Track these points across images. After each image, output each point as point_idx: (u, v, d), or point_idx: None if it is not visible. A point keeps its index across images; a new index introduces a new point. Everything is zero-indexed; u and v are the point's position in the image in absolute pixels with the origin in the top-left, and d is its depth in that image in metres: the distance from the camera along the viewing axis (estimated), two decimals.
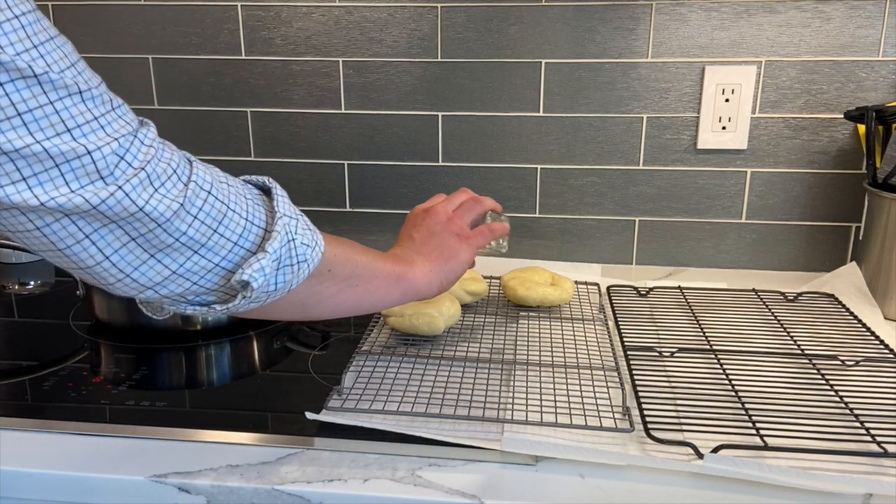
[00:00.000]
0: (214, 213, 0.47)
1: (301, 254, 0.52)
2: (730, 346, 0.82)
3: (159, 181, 0.44)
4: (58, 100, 0.40)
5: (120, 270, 0.46)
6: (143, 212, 0.43)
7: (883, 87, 1.03)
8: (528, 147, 1.12)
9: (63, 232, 0.42)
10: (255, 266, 0.48)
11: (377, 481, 0.59)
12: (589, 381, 0.74)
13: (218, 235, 0.47)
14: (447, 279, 0.69)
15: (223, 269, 0.49)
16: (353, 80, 1.12)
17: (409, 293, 0.66)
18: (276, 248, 0.49)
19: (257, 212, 0.51)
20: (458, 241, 0.71)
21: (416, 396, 0.70)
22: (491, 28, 1.07)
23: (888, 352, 0.80)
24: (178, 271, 0.47)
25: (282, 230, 0.50)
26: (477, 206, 0.76)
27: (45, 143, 0.39)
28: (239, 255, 0.49)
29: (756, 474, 0.57)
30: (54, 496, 0.61)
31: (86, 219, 0.42)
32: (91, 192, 0.41)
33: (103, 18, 1.13)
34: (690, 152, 1.09)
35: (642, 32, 1.05)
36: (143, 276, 0.47)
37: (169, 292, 0.48)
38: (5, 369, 0.79)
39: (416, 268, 0.67)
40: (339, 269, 0.58)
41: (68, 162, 0.40)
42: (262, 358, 0.83)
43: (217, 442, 0.65)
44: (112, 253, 0.44)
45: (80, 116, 0.41)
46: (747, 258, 1.12)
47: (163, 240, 0.45)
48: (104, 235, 0.44)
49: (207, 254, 0.47)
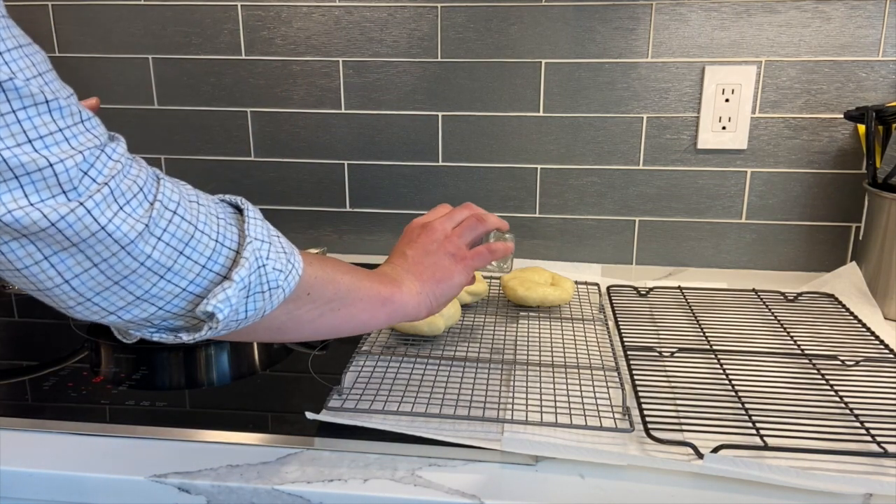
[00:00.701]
0: (180, 234, 0.44)
1: (273, 280, 0.49)
2: (730, 346, 0.82)
3: (124, 199, 0.42)
4: (21, 108, 0.38)
5: (80, 294, 0.43)
6: (106, 231, 0.41)
7: (883, 87, 1.03)
8: (528, 147, 1.12)
9: (21, 251, 0.40)
10: (220, 296, 0.46)
11: (377, 481, 0.59)
12: (589, 381, 0.74)
13: (184, 258, 0.45)
14: (437, 302, 0.66)
15: (191, 294, 0.46)
16: (353, 80, 1.12)
17: (395, 316, 0.62)
18: (243, 276, 0.46)
19: (229, 232, 0.48)
20: (453, 263, 0.67)
21: (416, 396, 0.70)
22: (491, 28, 1.07)
23: (888, 352, 0.80)
24: (143, 296, 0.45)
25: (250, 256, 0.47)
26: (479, 226, 0.70)
27: (4, 153, 0.37)
28: (208, 279, 0.46)
29: (756, 474, 0.57)
30: (54, 496, 0.61)
31: (45, 240, 0.40)
32: (50, 207, 0.39)
33: (103, 18, 1.13)
34: (690, 152, 1.09)
35: (642, 32, 1.05)
36: (105, 301, 0.44)
37: (132, 317, 0.46)
38: (5, 369, 0.79)
39: (404, 289, 0.63)
40: (319, 292, 0.55)
41: (28, 174, 0.38)
42: (262, 358, 0.83)
43: (217, 442, 0.65)
44: (72, 277, 0.42)
45: (43, 127, 0.39)
46: (747, 258, 1.12)
47: (126, 264, 0.42)
48: (64, 259, 0.41)
49: (174, 278, 0.45)
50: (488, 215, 0.72)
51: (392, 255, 0.69)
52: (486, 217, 0.71)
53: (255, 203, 1.21)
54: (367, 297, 0.60)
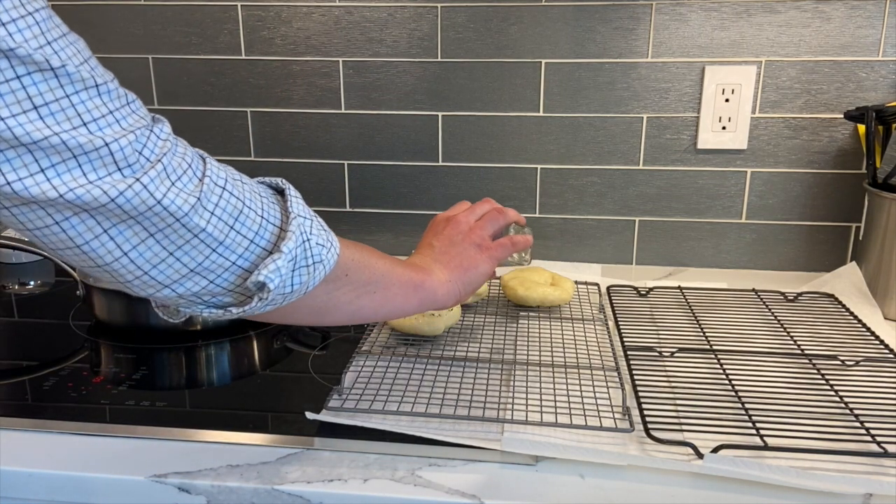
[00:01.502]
0: (230, 209, 0.47)
1: (317, 254, 0.51)
2: (730, 346, 0.82)
3: (175, 175, 0.44)
4: (74, 93, 0.40)
5: (138, 267, 0.45)
6: (161, 205, 0.43)
7: (883, 87, 1.03)
8: (528, 147, 1.12)
9: (82, 226, 0.42)
10: (270, 266, 0.48)
11: (377, 481, 0.59)
12: (589, 381, 0.74)
13: (234, 232, 0.47)
14: (465, 290, 0.68)
15: (239, 268, 0.48)
16: (353, 80, 1.12)
17: (426, 302, 0.64)
18: (291, 248, 0.49)
19: (272, 210, 0.50)
20: (479, 252, 0.70)
21: (416, 396, 0.70)
22: (491, 28, 1.07)
23: (888, 352, 0.80)
24: (196, 269, 0.47)
25: (296, 230, 0.49)
26: (500, 218, 0.74)
27: (63, 136, 0.39)
28: (255, 254, 0.48)
29: (756, 474, 0.57)
30: (54, 496, 0.61)
31: (104, 214, 0.42)
32: (109, 184, 0.41)
33: (103, 18, 1.13)
34: (690, 152, 1.09)
35: (642, 32, 1.05)
36: (161, 274, 0.46)
37: (185, 290, 0.48)
38: (5, 369, 0.79)
39: (434, 277, 0.65)
40: (356, 275, 0.57)
41: (86, 154, 0.40)
42: (262, 358, 0.83)
43: (217, 442, 0.65)
44: (130, 249, 0.44)
45: (96, 110, 0.41)
46: (747, 258, 1.12)
47: (181, 235, 0.45)
48: (122, 231, 0.43)
49: (225, 251, 0.47)
50: (508, 209, 0.75)
51: (419, 247, 0.71)
52: (506, 210, 0.75)
53: None
54: (400, 282, 0.62)
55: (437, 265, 0.67)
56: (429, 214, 1.16)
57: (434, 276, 0.65)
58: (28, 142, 0.38)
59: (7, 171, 0.39)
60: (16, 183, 0.39)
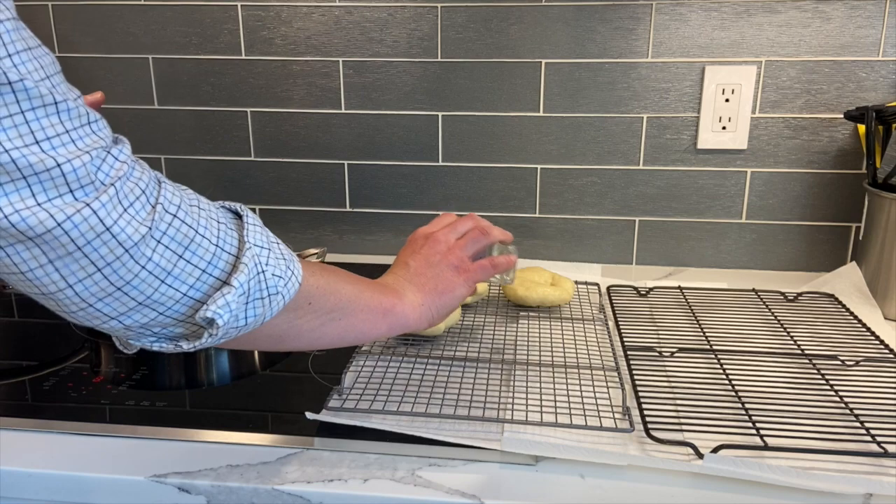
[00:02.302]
0: (180, 237, 0.44)
1: (272, 286, 0.48)
2: (730, 346, 0.82)
3: (127, 201, 0.42)
4: (30, 109, 0.38)
5: (83, 300, 0.43)
6: (111, 233, 0.41)
7: (883, 87, 1.03)
8: (528, 147, 1.12)
9: (26, 254, 0.40)
10: (220, 301, 0.45)
11: (377, 481, 0.59)
12: (589, 381, 0.74)
13: (184, 262, 0.45)
14: (438, 314, 0.66)
15: (191, 299, 0.46)
16: (353, 80, 1.12)
17: (395, 327, 0.62)
18: (242, 282, 0.46)
19: (229, 237, 0.47)
20: (456, 275, 0.67)
21: (416, 396, 0.70)
22: (491, 28, 1.07)
23: (888, 352, 0.80)
24: (144, 302, 0.44)
25: (250, 262, 0.47)
26: (482, 239, 0.70)
27: (13, 153, 0.37)
28: (208, 284, 0.46)
29: (756, 474, 0.57)
30: (54, 496, 0.61)
31: (49, 244, 0.40)
32: (57, 207, 0.39)
33: (103, 18, 1.13)
34: (690, 152, 1.09)
35: (642, 32, 1.05)
36: (108, 307, 0.44)
37: (133, 322, 0.45)
38: (5, 369, 0.79)
39: (405, 300, 0.63)
40: (320, 302, 0.55)
41: (36, 174, 0.38)
42: (262, 358, 0.83)
43: (217, 442, 0.65)
44: (76, 282, 0.42)
45: (51, 128, 0.39)
46: (747, 258, 1.12)
47: (129, 268, 0.42)
48: (68, 264, 0.41)
49: (174, 282, 0.44)
50: (492, 228, 0.71)
51: (395, 265, 0.68)
52: (490, 229, 0.71)
53: (256, 203, 1.21)
54: (368, 307, 0.60)
55: (411, 287, 0.65)
56: (429, 214, 1.16)
57: (405, 300, 0.63)
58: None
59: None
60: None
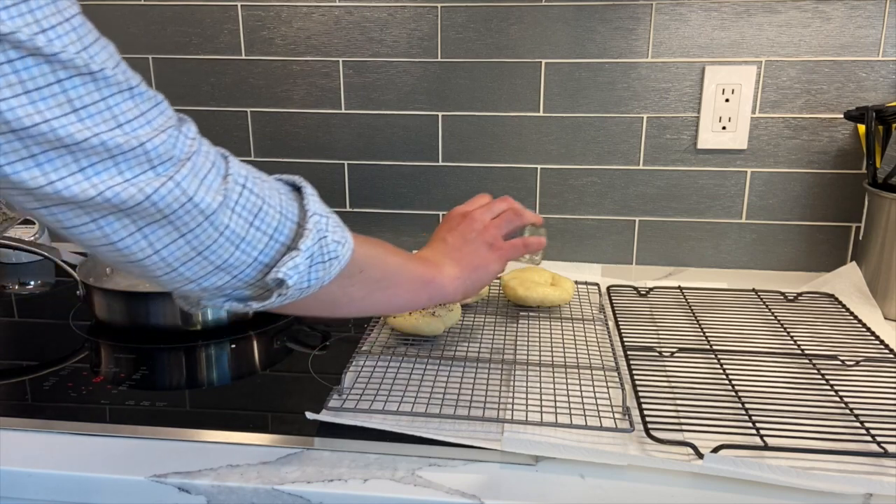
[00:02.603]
0: (250, 206, 0.48)
1: (332, 251, 0.53)
2: (730, 346, 0.82)
3: (202, 173, 0.45)
4: (111, 96, 0.41)
5: (168, 265, 0.47)
6: (193, 202, 0.44)
7: (883, 87, 1.03)
8: (528, 147, 1.12)
9: (117, 224, 0.44)
10: (289, 264, 0.49)
11: (377, 481, 0.59)
12: (589, 381, 0.74)
13: (254, 229, 0.49)
14: (473, 287, 0.70)
15: (261, 264, 0.50)
16: (353, 80, 1.12)
17: (435, 297, 0.66)
18: (308, 246, 0.50)
19: (290, 207, 0.52)
20: (490, 252, 0.71)
21: (416, 396, 0.70)
22: (491, 28, 1.07)
23: (888, 352, 0.80)
24: (221, 266, 0.48)
25: (313, 228, 0.51)
26: (515, 219, 0.74)
27: (103, 136, 0.41)
28: (275, 250, 0.50)
29: (756, 474, 0.57)
30: (54, 496, 0.61)
31: (138, 213, 0.43)
32: (144, 182, 0.42)
33: (103, 18, 1.13)
34: (690, 152, 1.09)
35: (642, 32, 1.05)
36: (189, 271, 0.48)
37: (210, 285, 0.49)
38: (5, 369, 0.79)
39: (444, 272, 0.67)
40: (370, 272, 0.59)
41: (123, 154, 0.42)
42: (262, 358, 0.83)
43: (217, 442, 0.65)
44: (162, 248, 0.46)
45: (129, 112, 0.42)
46: (747, 258, 1.12)
47: (209, 234, 0.46)
48: (155, 230, 0.45)
49: (247, 248, 0.49)
50: (525, 210, 0.76)
51: (432, 240, 0.73)
52: (523, 212, 0.76)
53: None
54: (411, 278, 0.64)
55: (448, 261, 0.69)
56: (429, 214, 1.16)
57: (444, 272, 0.67)
58: (71, 143, 0.40)
59: (49, 171, 0.40)
60: (57, 182, 0.41)
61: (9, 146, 0.39)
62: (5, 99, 0.38)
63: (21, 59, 0.38)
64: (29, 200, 0.42)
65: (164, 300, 0.85)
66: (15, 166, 0.40)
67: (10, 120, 0.39)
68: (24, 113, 0.39)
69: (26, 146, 0.40)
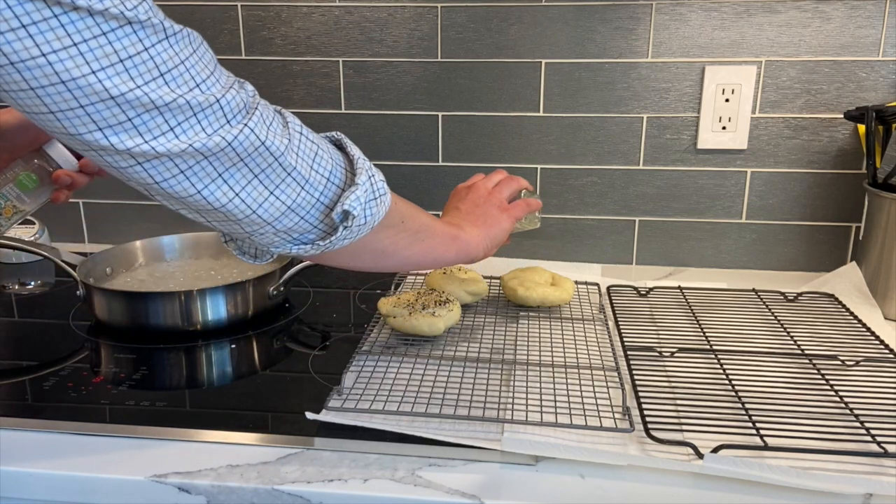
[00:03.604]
0: (308, 150, 0.54)
1: (381, 188, 0.57)
2: (730, 346, 0.82)
3: (268, 121, 0.51)
4: (187, 58, 0.46)
5: (248, 206, 0.51)
6: (265, 146, 0.50)
7: (883, 87, 1.03)
8: (528, 147, 1.12)
9: (202, 172, 0.48)
10: (351, 198, 0.54)
11: (377, 481, 0.59)
12: (589, 381, 0.74)
13: (314, 172, 0.54)
14: (492, 244, 0.77)
15: (322, 204, 0.55)
16: (353, 80, 1.12)
17: (461, 253, 0.73)
18: (363, 181, 0.55)
19: (337, 155, 0.57)
20: (500, 211, 0.80)
21: (416, 396, 0.70)
22: (491, 28, 1.07)
23: (888, 352, 0.80)
24: (291, 206, 0.53)
25: (363, 166, 0.57)
26: (513, 184, 0.85)
27: (186, 96, 0.46)
28: (332, 191, 0.55)
29: (756, 474, 0.57)
30: (54, 496, 0.61)
31: (220, 158, 0.48)
32: (226, 131, 0.47)
33: None
34: (690, 152, 1.09)
35: (642, 32, 1.05)
36: (266, 213, 0.52)
37: (282, 227, 0.54)
38: (5, 369, 0.79)
39: (466, 231, 0.74)
40: (409, 223, 0.65)
41: (203, 110, 0.46)
42: (262, 358, 0.83)
43: (217, 442, 0.65)
44: (240, 190, 0.50)
45: (200, 74, 0.47)
46: (747, 258, 1.12)
47: (279, 174, 0.51)
48: (234, 174, 0.50)
49: (310, 189, 0.54)
50: (518, 177, 0.87)
51: (445, 212, 0.81)
52: (518, 177, 0.86)
53: None
54: (442, 232, 0.71)
55: (466, 223, 0.76)
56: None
57: (466, 231, 0.74)
58: (161, 104, 0.45)
59: (144, 131, 0.45)
60: (152, 141, 0.45)
61: (108, 112, 0.44)
62: (103, 69, 0.42)
63: (112, 31, 0.42)
64: (121, 160, 0.46)
65: (165, 300, 0.85)
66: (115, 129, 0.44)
67: (108, 88, 0.43)
68: (119, 81, 0.43)
69: (123, 111, 0.44)
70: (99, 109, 0.43)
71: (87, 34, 0.41)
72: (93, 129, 0.44)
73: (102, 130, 0.44)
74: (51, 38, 0.41)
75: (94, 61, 0.42)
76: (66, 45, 0.41)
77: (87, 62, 0.42)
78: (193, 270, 1.01)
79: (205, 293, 0.86)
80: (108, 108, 0.43)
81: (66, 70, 0.42)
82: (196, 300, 0.86)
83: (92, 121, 0.44)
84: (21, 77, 0.42)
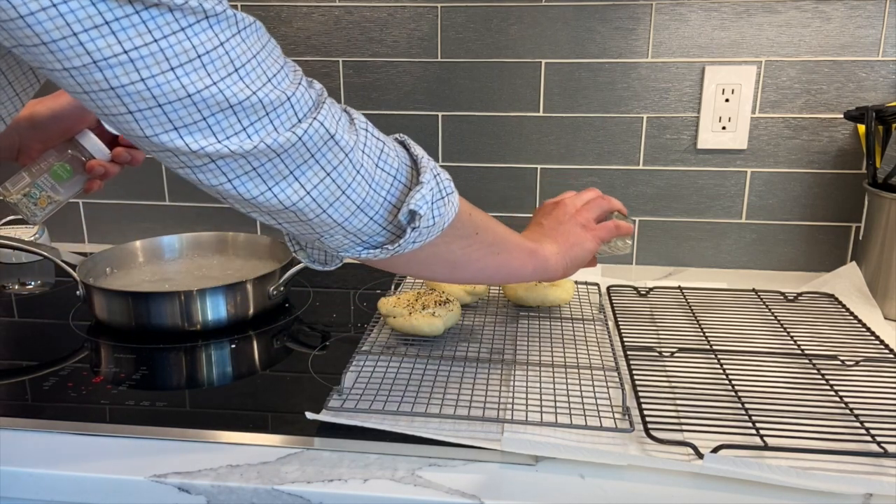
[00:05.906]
0: (374, 149, 0.52)
1: (447, 187, 0.56)
2: (730, 346, 0.82)
3: (336, 116, 0.50)
4: (258, 52, 0.46)
5: (318, 205, 0.50)
6: (334, 140, 0.49)
7: (883, 87, 1.03)
8: (528, 147, 1.12)
9: (273, 170, 0.48)
10: (416, 196, 0.53)
11: (377, 481, 0.59)
12: (589, 381, 0.74)
13: (380, 170, 0.53)
14: (572, 264, 0.74)
15: (389, 203, 0.54)
16: (353, 80, 1.12)
17: (539, 269, 0.70)
18: (429, 179, 0.54)
19: (402, 153, 0.56)
20: (584, 231, 0.76)
21: (416, 396, 0.70)
22: (491, 28, 1.07)
23: (888, 352, 0.80)
24: (360, 205, 0.52)
25: (427, 164, 0.55)
26: (604, 204, 0.80)
27: (259, 93, 0.45)
28: (398, 189, 0.54)
29: (756, 474, 0.57)
30: (54, 496, 0.61)
31: (291, 155, 0.47)
32: (296, 126, 0.47)
33: None
34: (690, 152, 1.09)
35: (642, 32, 1.05)
36: (336, 212, 0.51)
37: (352, 227, 0.53)
38: (5, 369, 0.79)
39: (545, 247, 0.71)
40: (484, 235, 0.63)
41: (275, 109, 0.46)
42: (262, 358, 0.83)
43: (217, 442, 0.65)
44: (312, 188, 0.49)
45: (273, 66, 0.46)
46: (747, 258, 1.12)
47: (349, 171, 0.50)
48: (305, 171, 0.49)
49: (376, 187, 0.52)
50: (611, 198, 0.82)
51: (529, 227, 0.78)
52: (610, 198, 0.81)
53: None
54: (518, 247, 0.69)
55: (547, 239, 0.73)
56: None
57: (545, 247, 0.71)
58: (235, 103, 0.44)
59: (218, 131, 0.45)
60: (225, 141, 0.45)
61: (184, 111, 0.43)
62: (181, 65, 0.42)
63: (191, 26, 0.42)
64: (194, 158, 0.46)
65: (165, 300, 0.85)
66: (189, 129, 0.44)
67: (185, 85, 0.42)
68: (196, 77, 0.42)
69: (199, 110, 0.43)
70: (176, 108, 0.43)
71: (167, 30, 0.41)
72: (169, 128, 0.44)
73: (178, 130, 0.44)
74: (132, 35, 0.40)
75: (174, 57, 0.42)
76: (146, 41, 0.41)
77: (166, 59, 0.41)
78: (193, 270, 1.01)
79: (205, 293, 0.86)
80: (184, 108, 0.43)
81: (147, 67, 0.41)
82: (196, 300, 0.86)
83: (168, 120, 0.43)
84: (102, 76, 0.41)
